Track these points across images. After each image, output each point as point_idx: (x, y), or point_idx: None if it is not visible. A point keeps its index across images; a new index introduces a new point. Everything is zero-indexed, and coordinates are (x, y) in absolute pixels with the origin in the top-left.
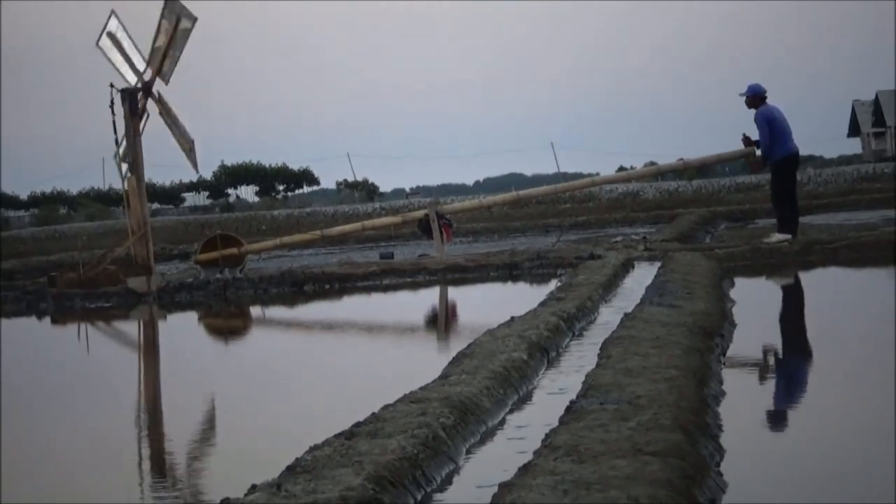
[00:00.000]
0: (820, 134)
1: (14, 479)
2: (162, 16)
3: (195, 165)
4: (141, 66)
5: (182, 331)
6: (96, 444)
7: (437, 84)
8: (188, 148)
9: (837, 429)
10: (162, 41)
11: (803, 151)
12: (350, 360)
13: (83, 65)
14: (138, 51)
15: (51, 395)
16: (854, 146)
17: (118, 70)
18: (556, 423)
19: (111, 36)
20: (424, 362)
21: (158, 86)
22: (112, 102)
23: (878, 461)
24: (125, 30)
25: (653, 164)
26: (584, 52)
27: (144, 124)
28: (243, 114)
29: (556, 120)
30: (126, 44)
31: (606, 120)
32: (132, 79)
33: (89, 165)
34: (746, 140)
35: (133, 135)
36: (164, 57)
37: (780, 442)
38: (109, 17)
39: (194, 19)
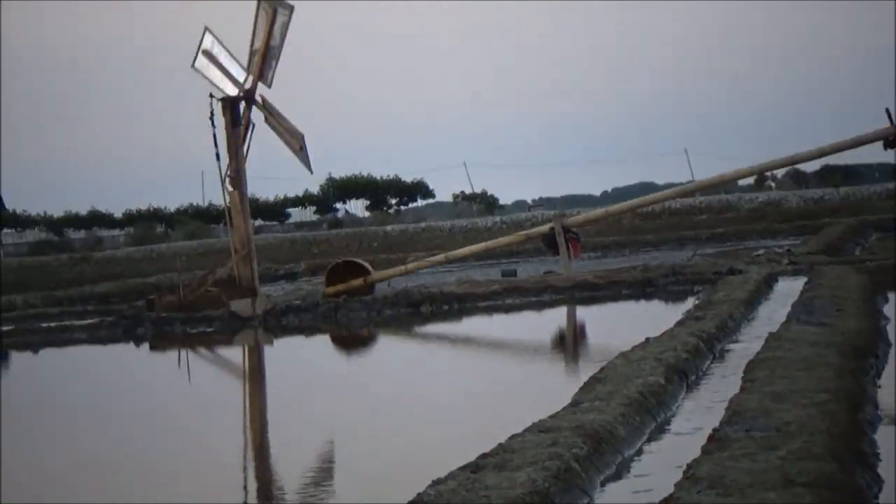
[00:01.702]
0: None
1: None
2: (257, 15)
3: (308, 165)
4: (240, 75)
5: (290, 356)
6: (202, 480)
7: (561, 86)
8: (298, 147)
9: None
10: (260, 42)
11: None
12: (473, 386)
13: (180, 73)
14: (236, 61)
15: (151, 428)
16: None
17: (217, 86)
18: (698, 453)
19: (207, 53)
20: (553, 388)
21: (261, 90)
22: (212, 114)
23: None
24: (220, 43)
25: (796, 170)
26: (720, 48)
27: (250, 136)
28: (352, 122)
29: (690, 123)
30: (223, 57)
31: (744, 122)
32: (232, 91)
33: (188, 180)
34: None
35: (235, 147)
36: (263, 58)
37: None
38: (203, 35)
39: (291, 8)
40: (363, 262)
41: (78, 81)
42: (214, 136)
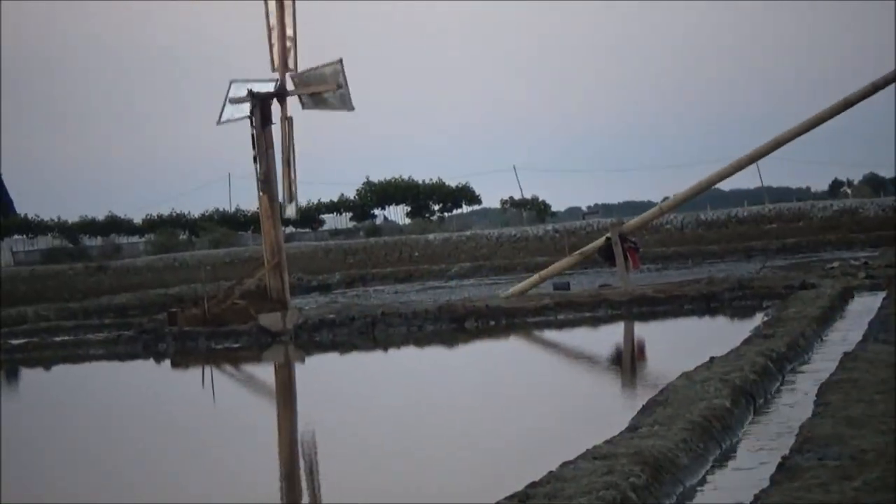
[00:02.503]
0: None
1: None
2: (267, 8)
3: (289, 212)
4: (269, 86)
5: (324, 375)
6: None
7: (617, 86)
8: (289, 199)
9: None
10: (277, 33)
11: None
12: (521, 409)
13: (204, 71)
14: (263, 81)
15: (172, 453)
16: None
17: (271, 56)
18: (766, 483)
19: (234, 100)
20: (609, 411)
21: (291, 105)
22: (252, 110)
23: None
24: (246, 81)
25: (874, 175)
26: (790, 49)
27: (291, 132)
28: (391, 121)
29: (759, 125)
30: (253, 86)
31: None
32: (269, 76)
33: (213, 183)
34: None
35: (265, 147)
36: (283, 48)
37: None
38: (228, 89)
39: (350, 109)
40: None
41: (95, 80)
42: (253, 136)
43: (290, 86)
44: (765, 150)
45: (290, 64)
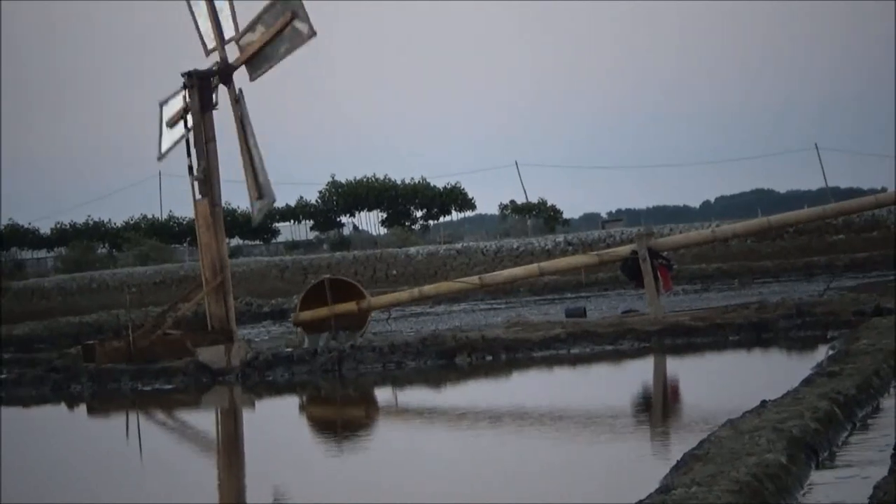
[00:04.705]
0: None
1: None
2: (266, 9)
3: (254, 215)
4: (229, 33)
5: (279, 426)
6: None
7: (648, 69)
8: (255, 195)
9: None
10: (265, 36)
11: None
12: (531, 465)
13: (132, 53)
14: (232, 19)
15: None
16: None
17: (201, 37)
18: None
19: None
20: (635, 467)
21: (240, 82)
22: (185, 84)
23: None
24: None
25: None
26: (858, 27)
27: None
28: (362, 107)
29: (821, 113)
30: (224, 14)
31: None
32: (211, 44)
33: (140, 184)
34: None
35: (205, 140)
36: (260, 49)
37: None
38: None
39: (312, 35)
40: (354, 282)
41: None
42: (186, 103)
43: (234, 58)
44: (860, 206)
45: (229, 33)
